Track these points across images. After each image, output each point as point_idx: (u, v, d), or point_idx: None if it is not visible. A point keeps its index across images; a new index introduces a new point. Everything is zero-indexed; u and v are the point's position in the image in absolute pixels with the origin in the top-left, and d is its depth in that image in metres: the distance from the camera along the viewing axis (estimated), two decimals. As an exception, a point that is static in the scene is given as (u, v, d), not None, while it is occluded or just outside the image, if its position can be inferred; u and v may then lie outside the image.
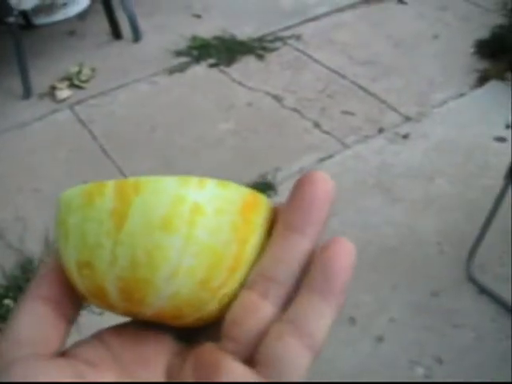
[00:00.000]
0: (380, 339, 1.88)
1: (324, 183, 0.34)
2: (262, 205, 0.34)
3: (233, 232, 0.32)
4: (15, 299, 2.05)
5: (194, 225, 0.30)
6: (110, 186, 0.32)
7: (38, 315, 0.34)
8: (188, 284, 0.31)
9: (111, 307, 0.33)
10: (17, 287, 2.09)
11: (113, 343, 0.34)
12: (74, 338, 0.35)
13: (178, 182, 0.31)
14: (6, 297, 2.06)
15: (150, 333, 0.35)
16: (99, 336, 0.35)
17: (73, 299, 0.35)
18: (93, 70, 3.17)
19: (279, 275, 0.33)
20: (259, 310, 0.32)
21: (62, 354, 0.34)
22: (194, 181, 0.31)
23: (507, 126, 1.77)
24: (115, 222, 0.31)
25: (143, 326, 0.35)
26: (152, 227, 0.30)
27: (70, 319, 0.35)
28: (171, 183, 0.31)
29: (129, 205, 0.31)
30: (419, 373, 1.79)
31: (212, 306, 0.33)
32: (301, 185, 0.34)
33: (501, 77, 2.90)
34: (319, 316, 0.31)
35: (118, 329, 0.35)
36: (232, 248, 0.32)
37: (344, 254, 0.32)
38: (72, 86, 3.07)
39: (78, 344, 0.34)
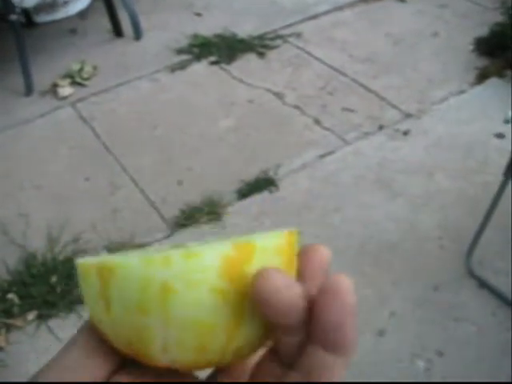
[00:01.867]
0: (381, 333, 1.89)
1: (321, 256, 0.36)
2: (255, 251, 0.31)
3: (217, 297, 0.30)
4: (18, 294, 2.06)
5: (167, 304, 0.30)
6: (93, 267, 0.32)
7: (87, 347, 0.34)
8: (184, 353, 0.32)
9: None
10: (20, 282, 2.11)
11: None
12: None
13: (143, 263, 0.30)
14: (10, 292, 2.07)
15: None
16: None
17: None
18: (94, 67, 3.18)
19: None
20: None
21: None
22: (158, 259, 0.30)
23: (506, 122, 1.78)
24: (104, 302, 0.32)
25: None
26: (131, 311, 0.31)
27: (120, 356, 0.35)
28: (137, 266, 0.30)
29: (108, 288, 0.32)
30: (420, 366, 1.81)
31: (226, 359, 0.33)
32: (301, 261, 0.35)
33: (500, 74, 2.92)
34: (327, 369, 0.31)
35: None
36: (223, 312, 0.31)
37: (343, 305, 0.31)
38: (74, 83, 3.08)
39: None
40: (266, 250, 0.31)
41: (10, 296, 2.05)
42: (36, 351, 1.90)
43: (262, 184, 2.43)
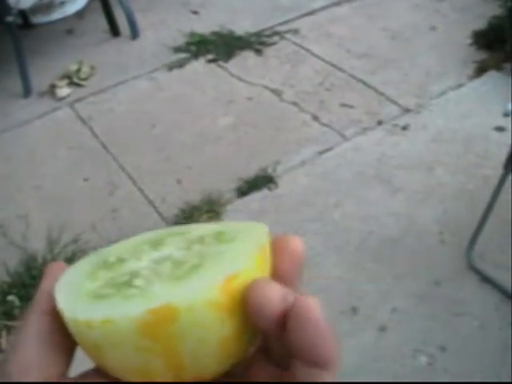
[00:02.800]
0: (383, 329, 1.89)
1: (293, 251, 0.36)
2: (178, 313, 0.31)
3: (145, 354, 0.32)
4: (19, 296, 2.06)
5: (103, 358, 0.33)
6: None
7: (44, 334, 0.34)
8: None
9: None
10: (20, 284, 2.10)
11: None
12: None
13: (73, 323, 0.33)
14: (10, 293, 2.07)
15: None
16: (85, 376, 0.35)
17: None
18: (92, 67, 3.17)
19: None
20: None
21: None
22: (82, 323, 0.32)
23: (505, 115, 1.77)
24: None
25: None
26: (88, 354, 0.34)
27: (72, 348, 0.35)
28: (72, 323, 0.33)
29: None
30: (422, 361, 1.80)
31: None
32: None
33: (498, 67, 2.91)
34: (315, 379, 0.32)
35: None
36: (157, 362, 0.32)
37: (313, 326, 0.31)
38: (71, 83, 3.08)
39: None
40: (193, 309, 0.31)
41: (11, 298, 2.05)
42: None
43: (261, 181, 2.43)
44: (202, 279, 0.32)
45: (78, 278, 0.36)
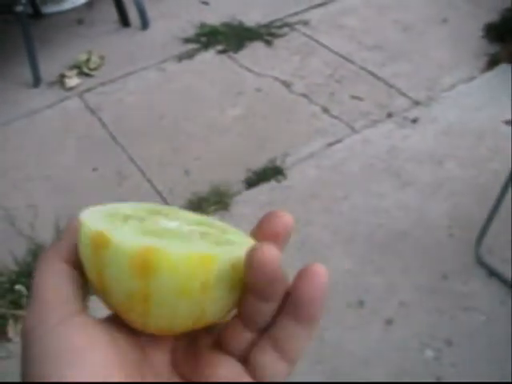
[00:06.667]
0: (390, 322, 1.88)
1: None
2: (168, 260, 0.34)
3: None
4: (26, 285, 2.06)
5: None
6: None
7: (65, 276, 0.37)
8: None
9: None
10: (28, 273, 2.10)
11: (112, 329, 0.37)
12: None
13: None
14: (18, 282, 2.08)
15: None
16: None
17: None
18: (101, 57, 3.17)
19: None
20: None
21: None
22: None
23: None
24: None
25: None
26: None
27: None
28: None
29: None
30: (429, 355, 1.79)
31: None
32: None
33: (510, 60, 2.88)
34: (295, 337, 0.36)
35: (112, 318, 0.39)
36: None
37: (317, 285, 0.35)
38: (81, 73, 3.08)
39: None
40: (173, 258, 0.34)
41: (18, 287, 2.05)
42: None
43: (270, 173, 2.42)
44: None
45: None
